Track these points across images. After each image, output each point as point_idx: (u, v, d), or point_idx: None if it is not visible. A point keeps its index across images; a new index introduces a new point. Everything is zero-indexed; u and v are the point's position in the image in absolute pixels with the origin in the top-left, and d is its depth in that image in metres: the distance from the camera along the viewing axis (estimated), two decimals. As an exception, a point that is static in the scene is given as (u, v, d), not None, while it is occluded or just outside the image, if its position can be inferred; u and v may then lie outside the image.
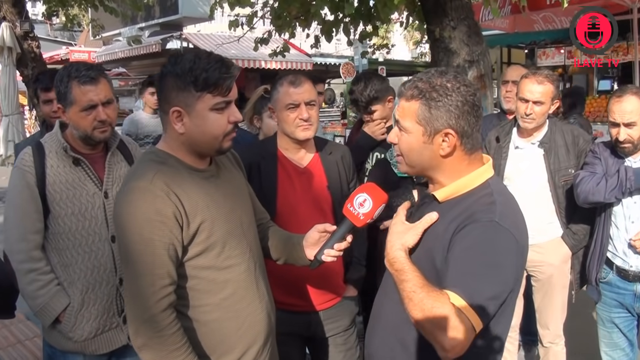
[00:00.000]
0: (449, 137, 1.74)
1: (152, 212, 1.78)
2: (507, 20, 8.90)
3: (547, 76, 3.37)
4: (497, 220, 1.67)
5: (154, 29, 15.69)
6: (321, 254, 2.04)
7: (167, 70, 1.88)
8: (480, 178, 1.81)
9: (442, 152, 1.77)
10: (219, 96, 1.85)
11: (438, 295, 1.59)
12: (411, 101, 1.76)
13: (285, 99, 2.65)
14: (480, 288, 1.61)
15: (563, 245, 3.47)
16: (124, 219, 1.81)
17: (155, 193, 1.79)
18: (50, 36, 24.95)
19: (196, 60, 1.84)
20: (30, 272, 2.46)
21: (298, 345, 2.82)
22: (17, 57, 8.75)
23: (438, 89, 1.73)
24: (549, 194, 3.44)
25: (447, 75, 1.77)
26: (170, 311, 1.83)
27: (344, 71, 15.56)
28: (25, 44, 8.79)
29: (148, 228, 1.77)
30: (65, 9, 10.00)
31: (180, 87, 1.84)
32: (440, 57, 5.42)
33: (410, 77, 1.86)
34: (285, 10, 5.79)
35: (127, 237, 1.80)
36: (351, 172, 2.91)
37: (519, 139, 3.55)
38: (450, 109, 1.72)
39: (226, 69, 1.85)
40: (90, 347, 2.55)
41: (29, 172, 2.47)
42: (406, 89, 1.80)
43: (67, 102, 2.47)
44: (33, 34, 8.97)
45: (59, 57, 16.41)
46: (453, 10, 5.23)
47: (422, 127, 1.75)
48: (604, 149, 3.26)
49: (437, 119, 1.73)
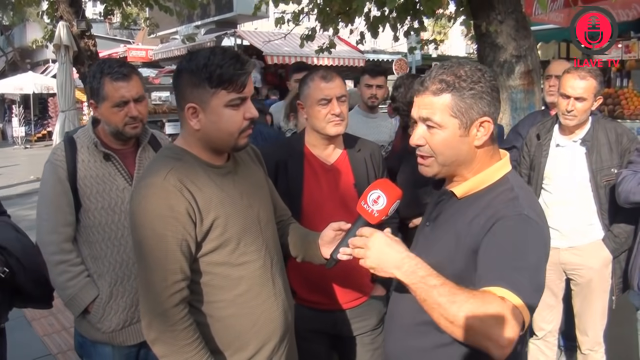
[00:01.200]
0: (484, 125, 1.72)
1: (165, 208, 1.79)
2: (561, 14, 8.59)
3: (590, 71, 3.25)
4: (526, 214, 1.65)
5: (210, 26, 15.96)
6: (336, 253, 2.01)
7: (183, 67, 1.89)
8: (499, 172, 1.78)
9: (477, 143, 1.73)
10: (234, 92, 1.85)
11: (483, 295, 1.52)
12: (440, 95, 1.71)
13: (316, 94, 2.63)
14: (524, 282, 1.55)
15: (604, 249, 3.34)
16: (137, 214, 1.83)
17: (168, 189, 1.80)
18: (110, 34, 25.70)
19: (211, 56, 1.84)
20: (61, 264, 2.53)
21: (324, 343, 2.80)
22: (74, 55, 9.03)
23: (465, 79, 1.70)
24: (590, 194, 3.33)
25: (467, 65, 1.74)
26: (183, 306, 1.84)
27: (397, 67, 15.49)
28: (82, 42, 9.07)
29: (161, 224, 1.79)
30: (121, 8, 10.26)
31: (195, 84, 1.84)
32: (486, 52, 5.32)
33: (424, 75, 1.81)
34: (329, 6, 5.78)
35: (141, 233, 1.82)
36: (380, 169, 2.86)
37: (561, 137, 3.44)
38: (483, 96, 1.70)
39: (241, 65, 1.85)
40: (119, 338, 2.60)
41: (60, 166, 2.53)
42: (429, 84, 1.74)
43: (99, 98, 2.52)
44: (90, 32, 9.24)
45: (117, 55, 16.92)
46: (500, 3, 5.13)
47: (457, 119, 1.71)
48: None
49: (472, 107, 1.70)
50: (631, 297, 3.20)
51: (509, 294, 1.50)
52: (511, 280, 1.54)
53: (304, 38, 6.69)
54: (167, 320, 1.81)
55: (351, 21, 6.07)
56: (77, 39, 9.04)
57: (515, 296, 1.50)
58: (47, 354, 4.67)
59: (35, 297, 2.62)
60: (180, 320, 1.82)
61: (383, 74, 4.75)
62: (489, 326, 1.47)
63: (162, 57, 17.64)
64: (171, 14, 9.53)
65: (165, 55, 17.45)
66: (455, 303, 1.49)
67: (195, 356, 1.83)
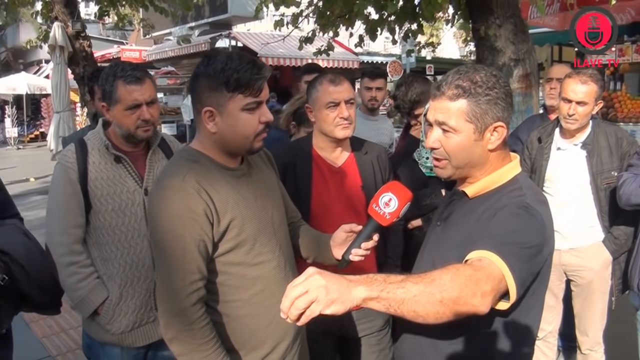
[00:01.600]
0: (498, 130, 1.76)
1: (184, 209, 1.82)
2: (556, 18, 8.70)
3: (591, 76, 3.29)
4: (528, 202, 1.70)
5: (204, 28, 15.97)
6: (348, 254, 2.05)
7: (200, 71, 1.92)
8: (510, 174, 1.83)
9: (490, 147, 1.78)
10: (250, 96, 1.88)
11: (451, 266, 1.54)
12: (457, 100, 1.75)
13: (325, 98, 2.66)
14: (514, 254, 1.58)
15: (604, 250, 3.39)
16: (156, 215, 1.86)
17: (187, 191, 1.83)
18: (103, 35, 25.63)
19: (228, 61, 1.87)
20: (71, 265, 2.54)
21: (331, 345, 2.83)
22: (68, 55, 9.03)
23: (481, 85, 1.74)
24: (590, 196, 3.38)
25: (482, 71, 1.78)
26: (200, 305, 1.88)
27: (391, 69, 15.51)
28: (77, 43, 9.07)
29: (179, 225, 1.82)
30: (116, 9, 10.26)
31: (212, 88, 1.87)
32: (485, 55, 5.36)
33: (440, 79, 1.85)
34: (329, 9, 5.81)
35: (160, 233, 1.85)
36: (387, 172, 2.90)
37: (562, 140, 3.49)
38: (498, 102, 1.74)
39: (257, 69, 1.88)
40: (128, 339, 2.61)
41: (71, 168, 2.55)
42: (445, 89, 1.78)
43: (111, 101, 2.54)
44: (85, 33, 9.24)
45: (110, 56, 16.88)
46: (499, 7, 5.17)
47: (472, 124, 1.75)
48: None
49: (487, 113, 1.74)
50: (631, 297, 3.25)
51: (490, 254, 1.54)
52: (500, 249, 1.56)
53: (303, 41, 6.71)
54: (185, 319, 1.84)
55: (352, 24, 6.10)
56: (72, 39, 9.04)
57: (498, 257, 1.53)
58: (47, 355, 4.67)
59: (42, 304, 2.63)
60: (198, 319, 1.85)
61: (382, 77, 4.79)
62: (472, 282, 1.47)
63: (155, 58, 17.61)
64: (166, 15, 9.54)
65: (159, 56, 17.43)
66: (434, 281, 1.47)
67: (212, 355, 1.86)
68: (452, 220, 1.90)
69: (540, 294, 1.83)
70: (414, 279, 1.48)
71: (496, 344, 1.77)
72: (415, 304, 1.44)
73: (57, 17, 8.96)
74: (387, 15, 5.91)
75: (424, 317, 1.47)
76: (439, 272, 1.50)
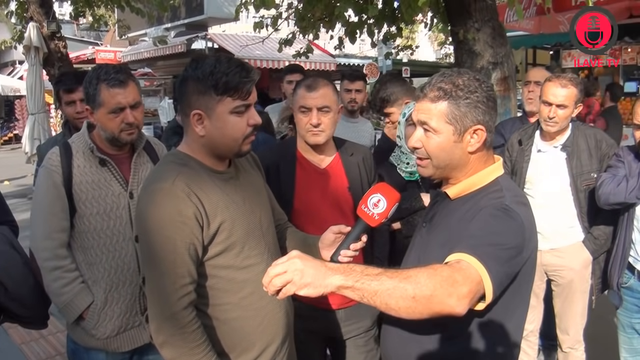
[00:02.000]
0: (478, 133, 1.80)
1: (174, 213, 1.82)
2: (532, 22, 8.82)
3: (571, 79, 3.35)
4: (507, 204, 1.74)
5: (180, 29, 15.84)
6: (337, 255, 2.06)
7: (188, 74, 1.92)
8: (491, 176, 1.87)
9: (470, 149, 1.82)
10: (239, 99, 1.89)
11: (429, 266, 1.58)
12: (438, 102, 1.80)
13: (299, 102, 2.68)
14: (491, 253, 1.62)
15: (584, 250, 3.45)
16: (146, 219, 1.85)
17: (177, 194, 1.83)
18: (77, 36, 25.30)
19: (217, 64, 1.88)
20: (56, 270, 2.51)
21: (319, 345, 2.85)
22: (43, 56, 8.90)
23: (462, 88, 1.79)
24: (570, 197, 3.44)
25: (465, 75, 1.83)
26: (191, 309, 1.87)
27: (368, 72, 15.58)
28: (52, 43, 8.94)
29: (170, 228, 1.82)
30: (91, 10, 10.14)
31: (201, 91, 1.88)
32: (464, 59, 5.41)
33: (425, 82, 1.89)
34: (310, 12, 5.82)
35: (150, 237, 1.84)
36: (372, 173, 2.91)
37: (542, 142, 3.54)
38: (478, 105, 1.78)
39: (246, 73, 1.89)
40: (113, 344, 2.59)
41: (55, 171, 2.52)
42: (428, 91, 1.83)
43: (95, 104, 2.51)
44: (60, 34, 9.12)
45: (85, 57, 16.68)
46: (477, 11, 5.22)
47: (452, 126, 1.79)
48: (628, 153, 3.23)
49: (466, 115, 1.78)
50: (611, 296, 3.32)
51: (473, 259, 1.58)
52: (478, 251, 1.60)
53: (283, 43, 6.72)
54: (177, 323, 1.83)
55: (332, 27, 6.12)
56: (48, 40, 8.91)
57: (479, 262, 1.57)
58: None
59: (22, 317, 2.60)
60: (189, 323, 1.85)
61: (361, 79, 4.83)
62: (448, 284, 1.52)
63: (131, 59, 17.44)
64: (142, 16, 9.48)
65: (135, 57, 17.26)
66: (410, 277, 1.52)
67: (203, 358, 1.86)
68: (436, 221, 1.94)
69: (526, 294, 1.87)
70: (391, 273, 1.55)
71: (478, 344, 1.80)
72: (388, 297, 1.51)
73: (32, 17, 8.83)
74: (366, 17, 5.94)
75: (395, 311, 1.53)
76: (416, 270, 1.56)
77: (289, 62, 14.85)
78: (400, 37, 6.67)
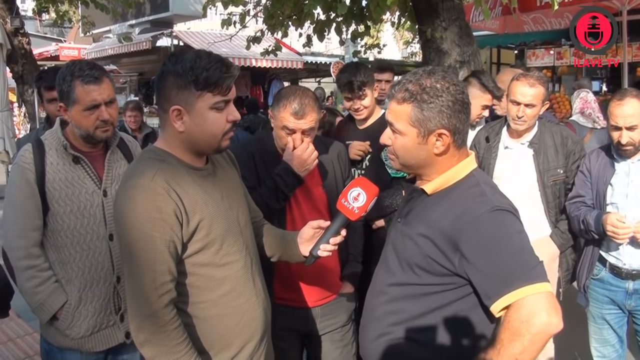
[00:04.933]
0: (442, 137, 1.81)
1: (153, 210, 1.81)
2: (497, 22, 8.98)
3: (538, 78, 3.42)
4: (497, 205, 1.76)
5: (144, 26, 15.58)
6: (317, 249, 2.09)
7: (168, 69, 1.90)
8: (466, 169, 1.90)
9: (436, 151, 1.84)
10: (219, 95, 1.89)
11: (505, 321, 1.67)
12: (403, 104, 1.82)
13: (283, 122, 2.64)
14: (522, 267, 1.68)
15: (551, 244, 3.52)
16: (125, 216, 1.83)
17: (156, 191, 1.82)
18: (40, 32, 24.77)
19: (197, 59, 1.87)
20: (29, 269, 2.48)
21: (296, 341, 2.87)
22: (7, 53, 8.72)
23: (428, 91, 1.79)
24: (537, 193, 3.50)
25: (435, 75, 1.82)
26: (172, 307, 1.86)
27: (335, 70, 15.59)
28: (15, 40, 8.77)
29: (149, 225, 1.80)
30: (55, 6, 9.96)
31: (180, 86, 1.87)
32: (431, 57, 5.47)
33: (399, 79, 1.90)
34: (279, 10, 5.82)
35: (129, 235, 1.83)
36: (347, 169, 2.94)
37: (509, 139, 3.60)
38: (442, 110, 1.79)
39: (227, 68, 1.89)
40: (87, 344, 2.57)
41: (28, 169, 2.48)
42: (396, 91, 1.85)
43: (69, 101, 2.48)
44: (23, 30, 8.95)
45: (48, 54, 16.31)
46: (445, 11, 5.28)
47: (415, 128, 1.81)
48: (596, 158, 3.27)
49: (430, 120, 1.79)
50: (579, 298, 3.40)
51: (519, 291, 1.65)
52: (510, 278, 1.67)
53: (251, 40, 6.70)
54: (157, 321, 1.82)
55: (301, 25, 6.13)
56: (11, 36, 8.73)
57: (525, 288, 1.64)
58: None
59: None
60: (170, 321, 1.84)
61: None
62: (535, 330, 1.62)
63: (95, 56, 17.11)
64: (107, 12, 9.33)
65: (99, 54, 16.97)
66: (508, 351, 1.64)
67: (184, 356, 1.85)
68: (412, 216, 1.96)
69: None
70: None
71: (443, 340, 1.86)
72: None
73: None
74: (335, 15, 5.96)
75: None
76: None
77: (256, 59, 14.90)
78: (368, 35, 6.70)
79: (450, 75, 1.86)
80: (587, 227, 3.13)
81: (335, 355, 2.84)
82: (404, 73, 1.97)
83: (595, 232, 3.10)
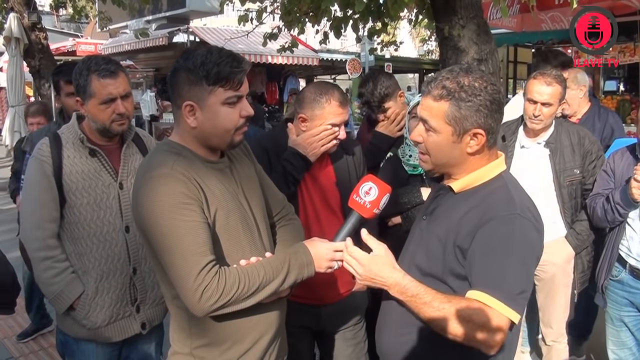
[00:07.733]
0: (477, 137, 1.79)
1: (180, 195, 1.79)
2: (514, 19, 8.90)
3: (556, 77, 3.39)
4: (519, 213, 1.75)
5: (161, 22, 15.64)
6: None
7: (180, 65, 1.91)
8: (495, 171, 1.88)
9: (469, 150, 1.82)
10: (231, 90, 1.88)
11: (468, 303, 1.68)
12: (440, 101, 1.79)
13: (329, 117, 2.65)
14: (511, 285, 1.70)
15: (567, 245, 3.50)
16: (151, 208, 1.79)
17: (177, 178, 1.81)
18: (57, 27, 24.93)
19: (208, 55, 1.87)
20: (46, 260, 2.51)
21: (307, 339, 2.86)
22: (24, 48, 8.81)
23: (467, 89, 1.76)
24: (553, 193, 3.47)
25: (473, 74, 1.80)
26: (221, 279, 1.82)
27: (350, 67, 15.62)
28: (32, 35, 8.86)
29: (179, 211, 1.78)
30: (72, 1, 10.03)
31: (192, 82, 1.87)
32: (448, 55, 5.43)
33: (433, 75, 1.88)
34: (296, 7, 5.81)
35: (159, 226, 1.78)
36: (361, 168, 2.93)
37: (525, 139, 3.58)
38: (480, 109, 1.77)
39: (237, 63, 1.89)
40: (103, 334, 2.59)
41: (46, 162, 2.51)
42: (433, 88, 1.82)
43: (86, 95, 2.51)
44: (41, 25, 9.03)
45: (65, 49, 16.42)
46: (462, 8, 5.24)
47: (451, 127, 1.79)
48: (620, 158, 3.24)
49: (466, 118, 1.77)
50: (596, 299, 3.37)
51: (492, 300, 1.67)
52: (497, 284, 1.69)
53: (268, 37, 6.70)
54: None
55: (318, 22, 6.11)
56: (28, 31, 8.82)
57: (499, 301, 1.67)
58: (9, 357, 4.57)
59: None
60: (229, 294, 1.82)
61: None
62: (477, 332, 1.66)
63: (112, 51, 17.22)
64: (124, 8, 9.36)
65: (116, 49, 17.07)
66: (447, 319, 1.68)
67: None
68: (437, 214, 1.94)
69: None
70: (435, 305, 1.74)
71: None
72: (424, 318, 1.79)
73: (12, 8, 8.74)
74: (352, 12, 5.94)
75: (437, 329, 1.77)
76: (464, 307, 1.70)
77: (272, 56, 14.92)
78: (385, 32, 6.68)
79: (488, 75, 1.84)
80: (613, 202, 3.07)
81: (347, 353, 2.84)
82: (420, 71, 1.96)
83: (622, 204, 3.03)
